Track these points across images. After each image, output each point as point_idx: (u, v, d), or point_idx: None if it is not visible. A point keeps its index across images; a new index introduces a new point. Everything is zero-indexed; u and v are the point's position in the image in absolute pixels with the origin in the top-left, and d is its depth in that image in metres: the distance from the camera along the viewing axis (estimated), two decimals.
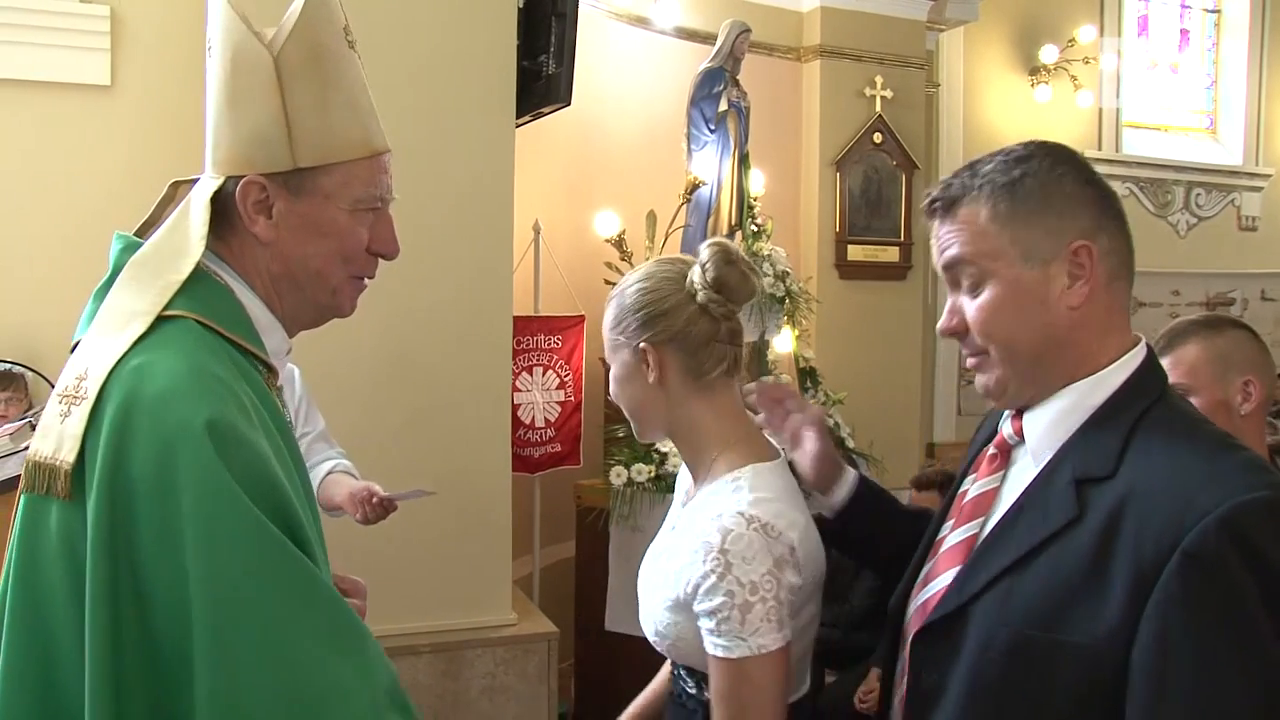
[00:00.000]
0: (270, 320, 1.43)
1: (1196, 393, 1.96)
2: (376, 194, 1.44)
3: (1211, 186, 9.61)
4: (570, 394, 5.01)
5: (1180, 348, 2.01)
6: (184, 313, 1.31)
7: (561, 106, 4.32)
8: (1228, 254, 9.57)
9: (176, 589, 1.17)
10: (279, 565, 1.21)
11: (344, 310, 1.50)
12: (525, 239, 4.83)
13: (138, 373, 1.24)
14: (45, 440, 1.27)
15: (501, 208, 3.85)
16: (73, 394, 1.26)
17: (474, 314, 3.82)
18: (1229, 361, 1.98)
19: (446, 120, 3.74)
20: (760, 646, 1.53)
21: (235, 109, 1.38)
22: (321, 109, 1.39)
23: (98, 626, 1.18)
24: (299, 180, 1.38)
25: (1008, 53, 8.50)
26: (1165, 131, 9.69)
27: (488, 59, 3.82)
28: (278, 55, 1.36)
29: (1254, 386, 1.98)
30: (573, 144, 5.72)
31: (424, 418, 3.76)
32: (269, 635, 1.18)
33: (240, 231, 1.40)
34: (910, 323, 7.24)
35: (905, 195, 7.15)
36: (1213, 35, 9.88)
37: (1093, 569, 1.23)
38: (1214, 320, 2.07)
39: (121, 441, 1.20)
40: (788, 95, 6.88)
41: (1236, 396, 1.97)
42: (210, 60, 1.41)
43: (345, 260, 1.44)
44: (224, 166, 1.39)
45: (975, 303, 1.37)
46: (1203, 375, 1.97)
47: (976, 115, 8.33)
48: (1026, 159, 1.38)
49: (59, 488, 1.23)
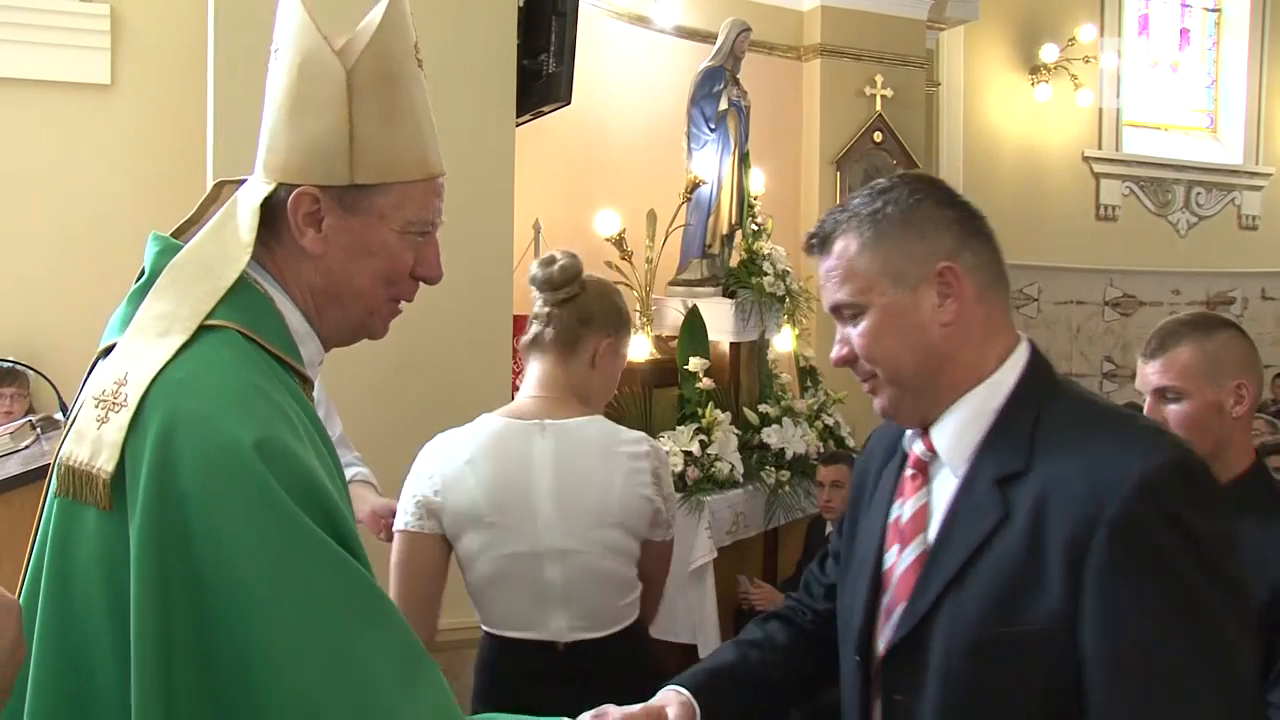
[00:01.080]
0: (307, 331, 1.40)
1: (1190, 396, 1.96)
2: (428, 218, 1.43)
3: (1212, 185, 9.62)
4: None
5: (1172, 350, 2.01)
6: (226, 323, 1.27)
7: (561, 105, 4.32)
8: (1228, 253, 9.58)
9: (235, 603, 1.14)
10: (338, 578, 1.19)
11: (378, 332, 1.49)
12: (525, 238, 4.83)
13: (183, 387, 1.20)
14: (80, 445, 1.22)
15: (502, 207, 3.85)
16: (111, 399, 1.22)
17: (474, 313, 3.82)
18: (1221, 364, 1.97)
19: (446, 119, 3.70)
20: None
21: (297, 116, 1.34)
22: (386, 127, 1.36)
23: (148, 637, 1.14)
24: (354, 197, 1.36)
25: (1008, 52, 8.51)
26: (1165, 131, 9.69)
27: (488, 58, 3.82)
28: (351, 68, 1.33)
29: (1246, 389, 1.97)
30: (573, 143, 5.72)
31: (424, 417, 3.75)
32: (335, 649, 1.16)
33: (286, 241, 1.37)
34: None
35: None
36: (1213, 34, 9.88)
37: (1029, 558, 1.30)
38: (1205, 320, 2.06)
39: (168, 456, 1.16)
40: (788, 94, 6.88)
41: (1229, 399, 1.97)
42: (275, 62, 1.37)
43: (388, 282, 1.43)
44: (277, 173, 1.35)
45: (857, 331, 1.46)
46: (1196, 378, 1.97)
47: (977, 114, 8.34)
48: (888, 190, 1.47)
49: (98, 496, 1.20)
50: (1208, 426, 1.96)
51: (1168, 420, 1.97)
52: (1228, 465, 1.97)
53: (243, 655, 1.14)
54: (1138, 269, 9.23)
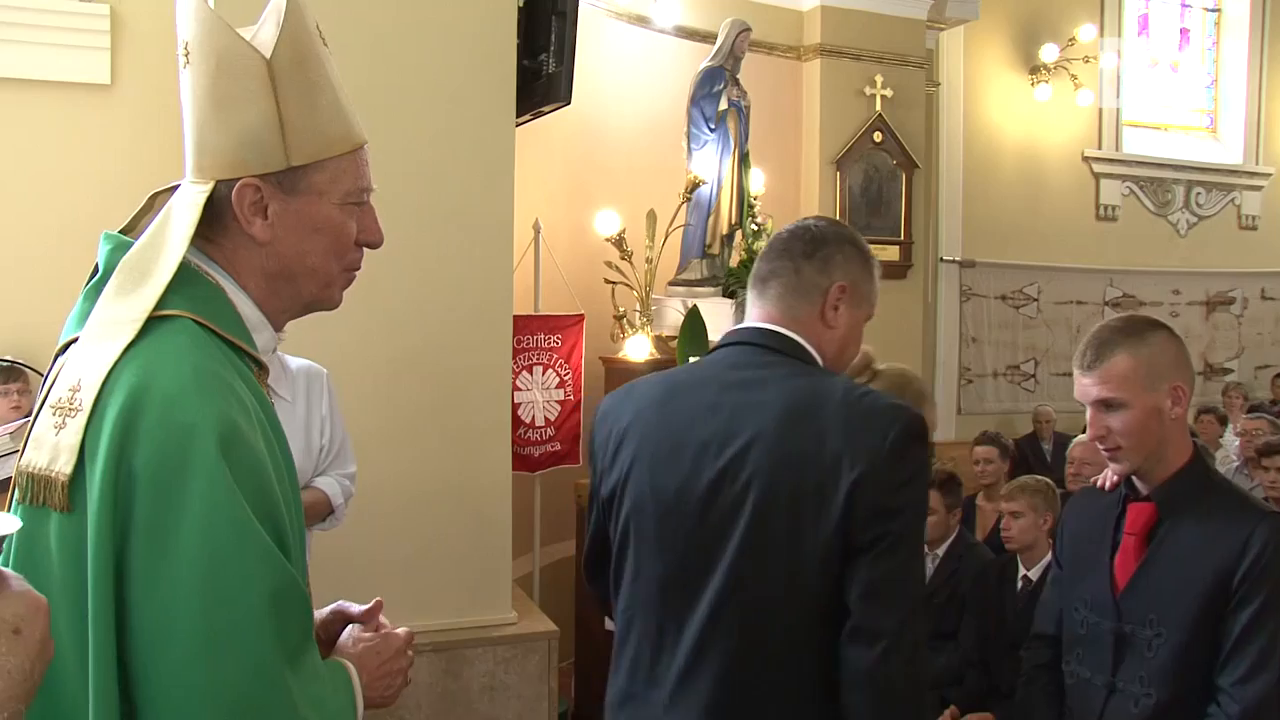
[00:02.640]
0: (260, 319, 1.44)
1: (1129, 405, 2.04)
2: (363, 185, 1.47)
3: (1212, 185, 9.62)
4: (570, 393, 5.01)
5: (1108, 361, 2.06)
6: (180, 312, 1.32)
7: (562, 105, 4.31)
8: (1228, 253, 9.58)
9: (161, 592, 1.19)
10: (269, 576, 1.24)
11: (334, 302, 1.52)
12: (525, 238, 4.83)
13: (137, 379, 1.24)
14: (39, 452, 1.27)
15: (501, 207, 3.85)
16: (66, 406, 1.26)
17: (474, 313, 3.82)
18: (1156, 369, 2.05)
19: (447, 119, 3.74)
20: None
21: (224, 113, 1.38)
22: (311, 107, 1.40)
23: (99, 620, 1.18)
24: (292, 179, 1.40)
25: (1008, 52, 8.51)
26: (1165, 130, 9.69)
27: (488, 58, 3.81)
28: (270, 57, 1.37)
29: (1181, 391, 2.06)
30: (573, 143, 5.72)
31: (424, 417, 3.76)
32: (246, 643, 1.20)
33: (234, 234, 1.40)
34: (910, 321, 7.24)
35: (905, 194, 7.15)
36: (1213, 34, 9.88)
37: None
38: (1135, 325, 2.11)
39: (126, 440, 1.21)
40: (788, 94, 6.88)
41: (1166, 402, 2.05)
42: (190, 68, 1.40)
43: (338, 255, 1.46)
44: (212, 171, 1.39)
45: None
46: (1134, 387, 2.04)
47: (976, 114, 8.34)
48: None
49: (55, 499, 1.24)
50: (1149, 430, 2.04)
51: (1111, 429, 2.05)
52: (1168, 463, 2.08)
53: (164, 633, 1.19)
54: (1138, 269, 9.23)
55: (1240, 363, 9.80)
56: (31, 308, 3.61)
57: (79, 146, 3.76)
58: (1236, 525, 1.98)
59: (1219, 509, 2.04)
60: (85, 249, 3.85)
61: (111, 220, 1.48)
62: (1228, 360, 9.76)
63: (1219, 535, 1.99)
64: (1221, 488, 2.13)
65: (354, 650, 1.47)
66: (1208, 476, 2.14)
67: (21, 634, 0.88)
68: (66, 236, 3.61)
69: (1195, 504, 2.06)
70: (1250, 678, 1.89)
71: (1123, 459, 2.08)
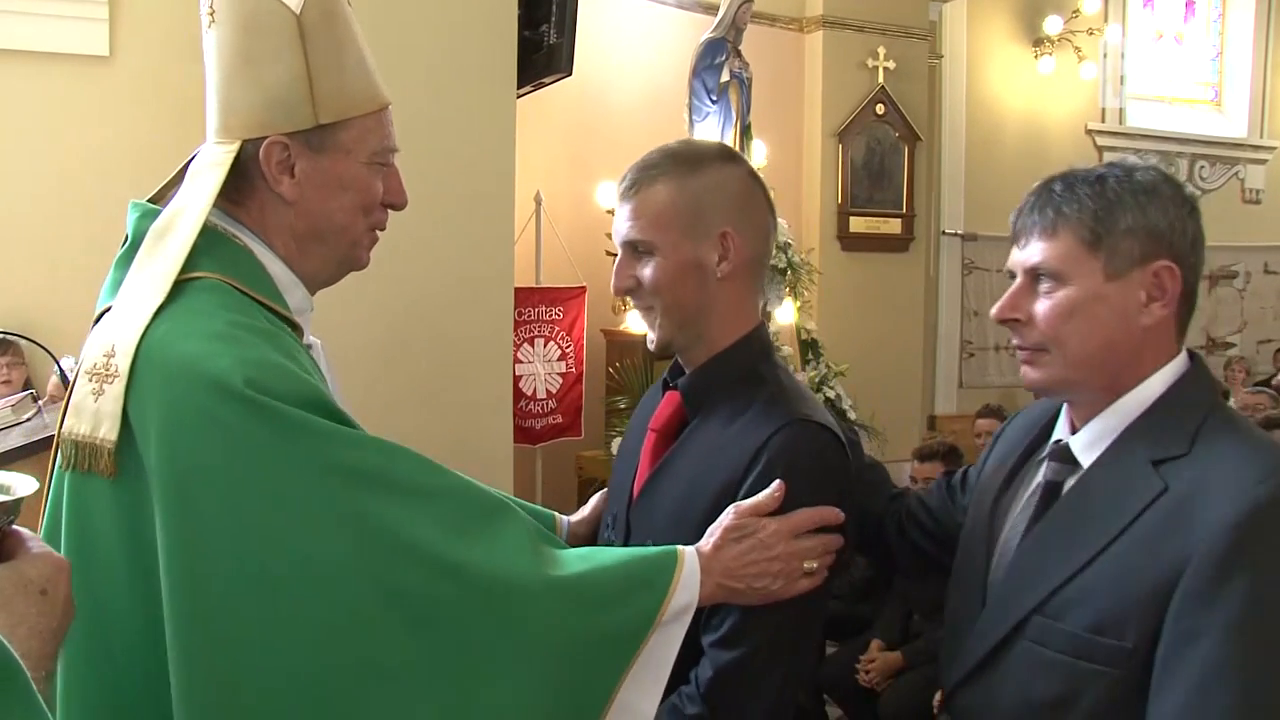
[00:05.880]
0: (291, 279, 1.44)
1: (658, 252, 1.55)
2: (389, 145, 1.47)
3: (1215, 159, 9.58)
4: (572, 365, 5.01)
5: (646, 191, 1.55)
6: (210, 274, 1.32)
7: (563, 77, 4.30)
8: (1231, 227, 9.54)
9: (231, 535, 1.19)
10: (369, 453, 1.27)
11: (362, 262, 1.52)
12: (526, 210, 4.82)
13: (169, 339, 1.25)
14: (80, 419, 1.28)
15: (502, 179, 3.84)
16: (103, 372, 1.27)
17: (475, 286, 3.81)
18: (703, 209, 1.56)
19: (447, 91, 3.72)
20: None
21: (252, 70, 1.37)
22: (340, 64, 1.40)
23: (176, 590, 1.19)
24: (320, 138, 1.40)
25: (1011, 24, 8.45)
26: (1169, 103, 9.64)
27: (488, 29, 3.79)
28: (300, 13, 1.37)
29: (732, 239, 1.56)
30: (574, 114, 5.70)
31: (425, 389, 3.76)
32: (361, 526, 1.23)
33: (261, 193, 1.40)
34: (912, 295, 7.24)
35: (908, 167, 7.13)
36: (1218, 6, 9.81)
37: None
38: (697, 151, 1.64)
39: (170, 402, 1.22)
40: (790, 66, 6.84)
41: (712, 255, 1.55)
42: (216, 27, 1.40)
43: (365, 212, 1.46)
44: (239, 131, 1.38)
45: None
46: (669, 230, 1.54)
47: (979, 86, 8.29)
48: None
49: (102, 465, 1.25)
50: (685, 290, 1.55)
51: (640, 282, 1.56)
52: (709, 341, 1.58)
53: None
54: None
55: (1242, 337, 9.80)
56: (27, 278, 3.60)
57: (77, 118, 3.75)
58: (754, 430, 1.46)
59: (755, 407, 1.50)
60: (83, 220, 3.85)
61: (109, 191, 1.48)
62: (1230, 334, 9.75)
63: (732, 443, 1.48)
64: (770, 379, 1.55)
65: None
66: (760, 361, 1.58)
67: (48, 594, 0.89)
68: (63, 208, 3.60)
69: (731, 397, 1.53)
70: (731, 641, 1.42)
71: (658, 327, 1.57)
